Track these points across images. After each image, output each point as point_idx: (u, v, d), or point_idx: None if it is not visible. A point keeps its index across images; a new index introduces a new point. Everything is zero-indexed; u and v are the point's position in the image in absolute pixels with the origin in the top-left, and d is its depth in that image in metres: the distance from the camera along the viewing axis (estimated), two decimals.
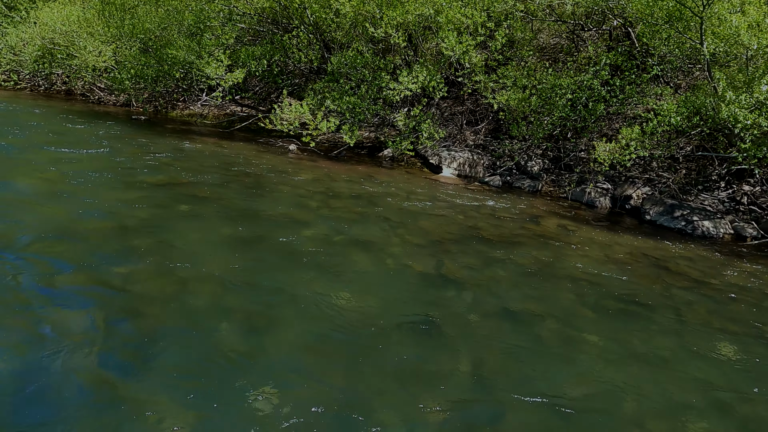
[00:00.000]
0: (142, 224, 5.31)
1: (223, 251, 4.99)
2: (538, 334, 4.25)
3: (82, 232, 4.96)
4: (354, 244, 5.75)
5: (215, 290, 4.18)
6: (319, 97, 10.77)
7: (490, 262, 5.79)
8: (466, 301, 4.68)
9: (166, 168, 8.05)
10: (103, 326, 3.51)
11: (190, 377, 3.14)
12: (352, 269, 5.03)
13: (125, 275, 4.23)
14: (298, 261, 5.02)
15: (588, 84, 10.36)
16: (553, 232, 7.45)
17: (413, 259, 5.50)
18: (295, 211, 6.62)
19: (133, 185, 6.72)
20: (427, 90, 10.22)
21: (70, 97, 17.09)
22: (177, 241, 5.02)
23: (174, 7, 10.26)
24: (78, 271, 4.23)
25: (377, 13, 9.10)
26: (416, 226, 6.75)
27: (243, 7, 11.77)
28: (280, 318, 3.92)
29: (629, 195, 10.10)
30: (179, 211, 5.90)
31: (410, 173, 11.05)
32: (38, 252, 4.48)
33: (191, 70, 10.53)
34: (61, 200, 5.82)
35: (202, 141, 11.19)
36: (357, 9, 9.34)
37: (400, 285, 4.85)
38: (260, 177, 8.39)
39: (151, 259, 4.57)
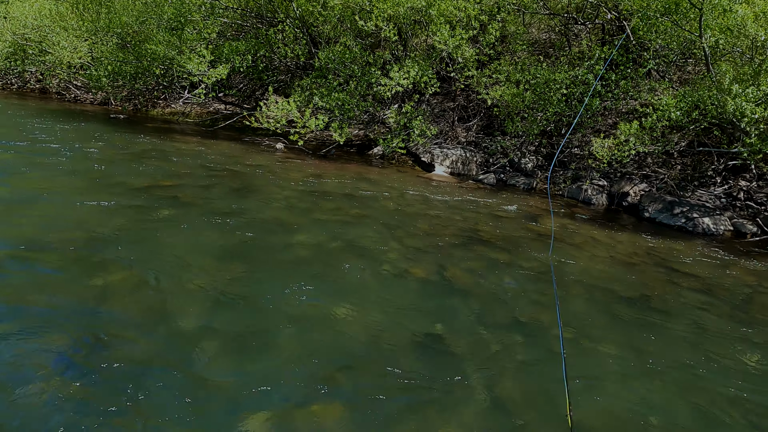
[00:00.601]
0: (121, 232, 4.89)
1: (210, 261, 4.60)
2: (553, 348, 3.95)
3: (54, 243, 4.52)
4: (350, 249, 5.39)
5: (202, 307, 3.80)
6: (307, 94, 10.36)
7: (493, 266, 5.49)
8: (473, 311, 4.36)
9: (146, 170, 7.60)
10: (74, 353, 3.11)
11: (176, 410, 2.77)
12: (349, 278, 4.68)
13: (101, 292, 3.82)
14: (291, 270, 4.66)
15: (583, 78, 10.12)
16: (550, 233, 7.17)
17: (413, 265, 5.17)
18: (285, 215, 6.24)
19: (111, 189, 6.27)
20: (419, 86, 9.89)
21: (44, 96, 16.41)
22: (159, 251, 4.62)
23: (153, 1, 9.75)
24: (48, 287, 3.81)
25: (367, 5, 8.72)
26: (413, 229, 6.41)
27: (226, 0, 11.29)
28: (276, 338, 3.56)
29: (626, 192, 9.89)
30: (161, 217, 5.48)
31: (402, 172, 10.71)
32: (1, 266, 4.05)
33: (172, 66, 10.04)
34: (32, 207, 5.36)
35: (184, 140, 10.71)
36: (345, 1, 8.95)
37: (402, 294, 4.51)
38: (247, 178, 7.98)
39: (130, 272, 4.16)
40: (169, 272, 4.25)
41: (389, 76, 9.44)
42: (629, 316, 4.67)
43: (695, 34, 8.47)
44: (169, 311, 3.66)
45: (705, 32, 8.13)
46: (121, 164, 7.73)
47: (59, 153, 7.94)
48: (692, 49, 10.14)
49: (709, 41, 8.12)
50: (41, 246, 4.40)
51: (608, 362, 3.84)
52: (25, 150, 7.91)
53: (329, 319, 3.91)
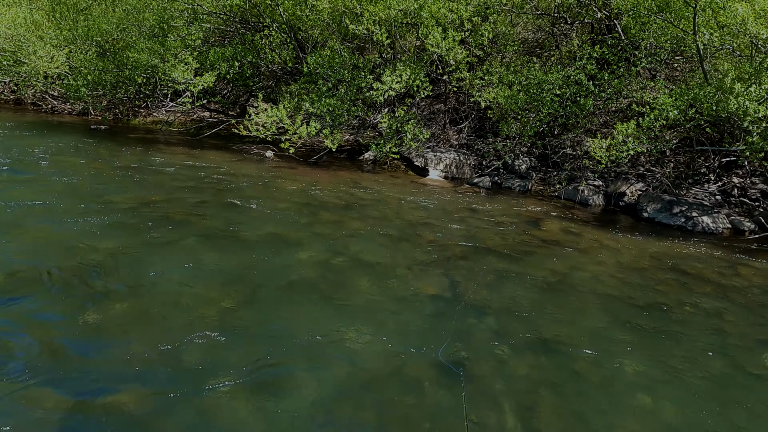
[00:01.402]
0: (113, 258, 4.59)
1: (211, 287, 4.32)
2: (578, 367, 3.77)
3: (41, 272, 4.21)
4: (356, 266, 5.16)
5: (208, 340, 3.53)
6: (296, 100, 10.08)
7: (504, 277, 5.31)
8: (491, 330, 4.17)
9: (133, 185, 7.26)
10: (71, 403, 2.83)
11: None
12: (360, 300, 4.45)
13: (96, 328, 3.53)
14: (297, 294, 4.41)
15: (575, 78, 10.03)
16: (558, 238, 7.04)
17: (424, 282, 4.96)
18: (284, 230, 5.98)
19: (99, 209, 5.94)
20: (411, 89, 9.69)
21: (19, 107, 15.80)
22: (156, 278, 4.33)
23: (133, 6, 9.35)
24: (36, 325, 3.50)
25: (357, 8, 8.48)
26: (417, 240, 6.21)
27: (208, 5, 10.94)
28: (291, 373, 3.31)
29: (623, 192, 9.83)
30: (155, 239, 5.17)
31: (396, 177, 10.50)
32: None
33: (155, 75, 9.68)
34: (15, 231, 5.02)
35: (170, 151, 10.35)
36: (334, 4, 8.69)
37: (417, 315, 4.30)
38: (239, 190, 7.69)
39: (127, 303, 3.87)
40: (168, 302, 3.97)
41: (381, 80, 9.21)
42: (649, 327, 4.53)
43: (689, 32, 8.43)
44: (173, 347, 3.39)
45: (699, 30, 8.09)
46: (107, 180, 7.37)
47: (40, 169, 7.55)
48: (682, 47, 10.13)
49: (702, 39, 8.07)
50: (27, 277, 4.08)
51: (637, 380, 3.68)
52: (3, 167, 7.51)
53: (345, 349, 3.67)
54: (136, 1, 9.74)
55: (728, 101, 6.49)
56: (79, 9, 10.46)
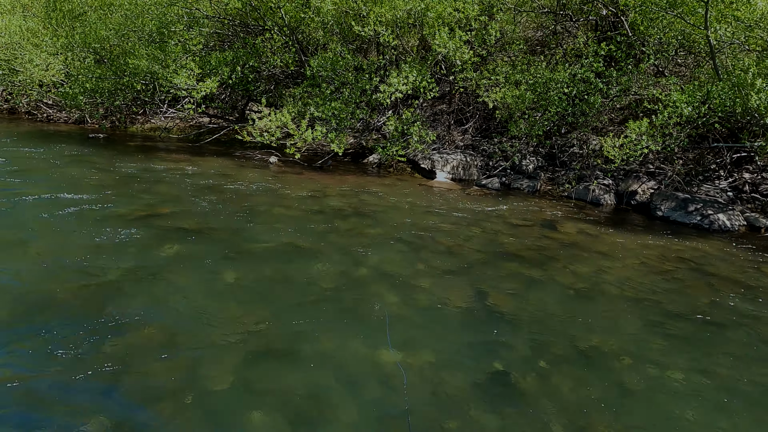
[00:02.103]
0: (128, 277, 4.37)
1: (230, 305, 4.12)
2: (622, 380, 3.61)
3: (55, 296, 3.99)
4: (378, 277, 4.97)
5: (235, 365, 3.33)
6: (300, 104, 9.88)
7: (530, 284, 5.14)
8: (527, 342, 3.99)
9: (138, 196, 7.04)
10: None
11: None
12: (384, 314, 4.26)
13: (119, 359, 3.33)
14: (322, 310, 4.22)
15: (582, 76, 9.88)
16: (577, 240, 6.89)
17: (449, 292, 4.79)
18: (299, 239, 5.78)
19: (106, 223, 5.72)
20: (418, 91, 9.51)
21: (13, 117, 15.49)
22: (173, 299, 4.12)
23: (132, 12, 9.10)
24: (54, 359, 3.30)
25: (363, 9, 8.29)
26: (436, 246, 6.03)
27: (207, 9, 10.71)
28: (327, 397, 3.12)
29: (634, 190, 9.69)
30: (166, 255, 4.96)
31: (403, 180, 10.32)
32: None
33: (155, 81, 9.44)
34: (22, 251, 4.79)
35: (172, 159, 10.12)
36: (338, 6, 8.50)
37: (448, 329, 4.12)
38: (248, 198, 7.49)
39: (148, 328, 3.66)
40: (189, 324, 3.77)
41: (387, 81, 9.03)
42: (686, 333, 4.37)
43: (700, 27, 8.30)
44: (199, 374, 3.20)
45: (711, 25, 7.96)
46: (111, 191, 7.14)
47: (41, 182, 7.31)
48: (690, 42, 10.01)
49: (716, 35, 7.94)
50: (40, 302, 3.86)
51: (685, 391, 3.52)
52: (2, 182, 7.26)
53: (379, 368, 3.48)
54: (134, 7, 9.49)
55: (749, 97, 6.36)
56: (75, 15, 10.19)
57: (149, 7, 9.26)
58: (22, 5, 11.61)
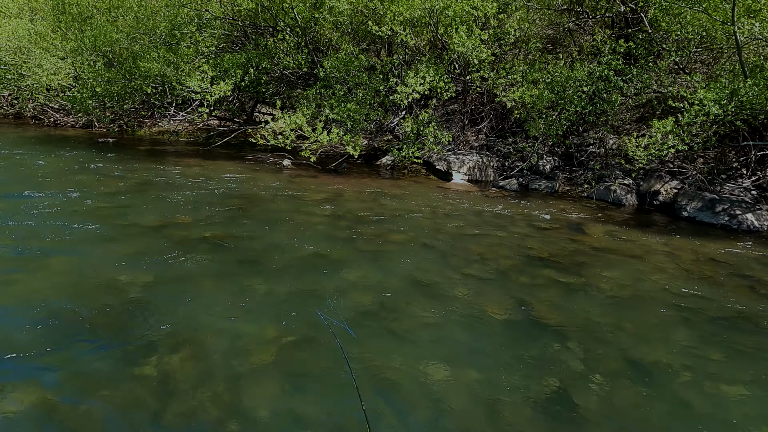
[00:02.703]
0: (150, 294, 4.18)
1: (264, 323, 3.94)
2: (682, 395, 3.41)
3: (81, 315, 3.80)
4: (412, 288, 4.78)
5: (275, 390, 3.14)
6: (314, 106, 9.69)
7: (568, 292, 4.95)
8: (578, 355, 3.80)
9: (154, 204, 6.85)
10: None
11: None
12: (426, 328, 4.07)
13: (146, 381, 3.14)
14: (361, 326, 4.03)
15: (601, 74, 9.67)
16: (606, 243, 6.69)
17: (487, 301, 4.59)
18: (326, 248, 5.59)
19: (126, 234, 5.54)
20: (435, 91, 9.31)
21: (20, 122, 15.33)
22: (206, 317, 3.93)
23: (144, 14, 8.91)
24: (86, 384, 3.11)
25: (380, 8, 8.09)
26: (465, 253, 5.84)
27: (217, 11, 10.52)
28: (378, 422, 2.93)
29: (657, 190, 9.48)
30: (192, 268, 4.77)
31: (420, 183, 10.13)
32: (21, 355, 3.33)
33: (165, 84, 9.25)
34: (40, 265, 4.61)
35: (184, 164, 9.94)
36: (354, 5, 8.30)
37: (491, 342, 3.92)
38: (267, 204, 7.30)
39: (185, 351, 3.47)
40: (223, 344, 3.58)
41: (405, 82, 8.84)
42: (739, 342, 4.17)
43: (726, 23, 8.09)
44: (240, 401, 3.01)
45: (738, 20, 7.75)
46: (126, 199, 6.96)
47: (54, 191, 7.13)
48: (712, 38, 9.79)
49: (743, 30, 7.74)
50: (67, 322, 3.68)
51: (749, 407, 3.32)
52: (14, 190, 7.08)
53: (427, 387, 3.29)
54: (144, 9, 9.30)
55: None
56: (83, 18, 10.01)
57: (160, 8, 9.07)
58: (30, 8, 11.43)
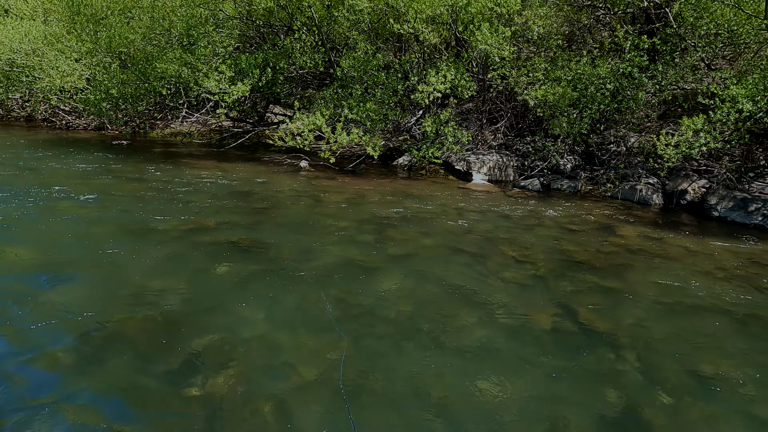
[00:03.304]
0: (185, 304, 4.00)
1: (303, 334, 3.76)
2: (756, 412, 3.21)
3: (107, 331, 3.63)
4: (451, 294, 4.60)
5: (325, 409, 2.96)
6: (332, 106, 9.51)
7: (613, 297, 4.75)
8: (637, 368, 3.60)
9: (176, 207, 6.69)
10: None
11: None
12: (470, 338, 3.88)
13: (193, 401, 2.97)
14: (401, 336, 3.85)
15: (625, 71, 9.44)
16: (642, 245, 6.48)
17: (530, 308, 4.40)
18: (356, 253, 5.41)
19: (150, 240, 5.37)
20: (455, 90, 9.12)
21: (31, 124, 15.24)
22: (241, 328, 3.75)
23: (159, 14, 8.75)
24: (119, 400, 2.94)
25: (402, 6, 7.90)
26: (499, 256, 5.64)
27: (230, 11, 10.35)
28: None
29: (684, 189, 9.25)
30: (223, 276, 4.60)
31: (439, 183, 9.94)
32: (60, 371, 3.17)
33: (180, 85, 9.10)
34: (64, 277, 4.44)
35: (201, 166, 9.78)
36: (375, 3, 8.12)
37: (541, 353, 3.73)
38: (290, 208, 7.13)
39: (219, 366, 3.29)
40: (264, 358, 3.40)
41: (426, 81, 8.65)
42: None
43: (758, 18, 7.86)
44: (292, 423, 2.83)
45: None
46: (147, 203, 6.81)
47: (72, 195, 6.98)
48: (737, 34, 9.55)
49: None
50: (102, 336, 3.51)
51: None
52: (34, 195, 6.94)
53: (480, 403, 3.11)
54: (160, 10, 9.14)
55: None
56: (98, 19, 9.86)
57: (175, 8, 8.91)
58: (44, 10, 11.31)
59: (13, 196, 6.77)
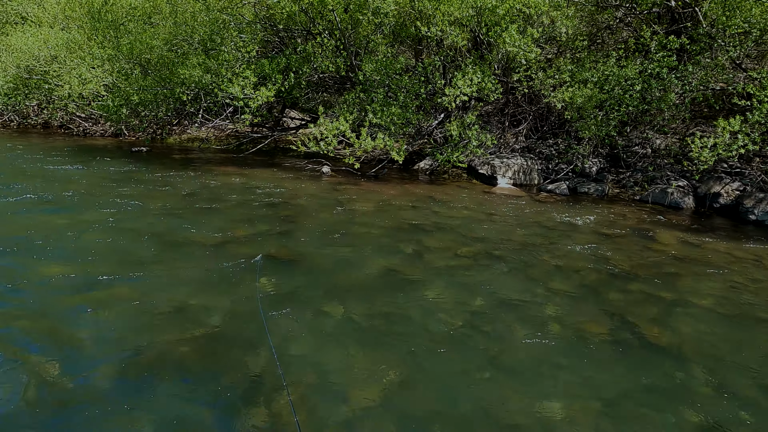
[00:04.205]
0: (230, 322, 3.85)
1: (353, 352, 3.61)
2: None
3: (155, 352, 3.49)
4: (500, 307, 4.43)
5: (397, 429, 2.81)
6: (355, 111, 9.38)
7: (667, 308, 4.56)
8: (704, 381, 3.42)
9: (205, 217, 6.58)
10: None
11: None
12: (527, 353, 3.72)
13: (254, 428, 2.83)
14: (459, 354, 3.69)
15: (653, 72, 9.25)
16: (684, 252, 6.29)
17: (584, 320, 4.23)
18: (395, 263, 5.26)
19: (185, 252, 5.24)
20: (483, 93, 8.96)
21: (48, 131, 15.22)
22: (291, 347, 3.60)
23: (181, 20, 8.67)
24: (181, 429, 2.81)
25: (429, 8, 7.76)
26: (542, 265, 5.47)
27: (249, 15, 10.25)
28: None
29: (717, 192, 9.02)
30: (265, 290, 4.46)
31: (464, 188, 9.77)
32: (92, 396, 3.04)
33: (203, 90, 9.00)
34: (98, 295, 4.30)
35: (223, 172, 9.68)
36: (401, 6, 7.98)
37: (605, 367, 3.56)
38: (319, 216, 6.99)
39: (280, 392, 3.15)
40: (318, 379, 3.25)
41: (452, 84, 8.50)
42: None
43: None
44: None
45: None
46: (175, 212, 6.69)
47: (100, 204, 6.88)
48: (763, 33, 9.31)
49: None
50: (148, 359, 3.37)
51: None
52: (61, 204, 6.85)
53: (550, 426, 2.94)
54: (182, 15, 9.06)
55: None
56: (118, 26, 9.79)
57: (196, 14, 8.83)
58: (65, 16, 11.28)
59: (42, 206, 6.69)
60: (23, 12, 13.22)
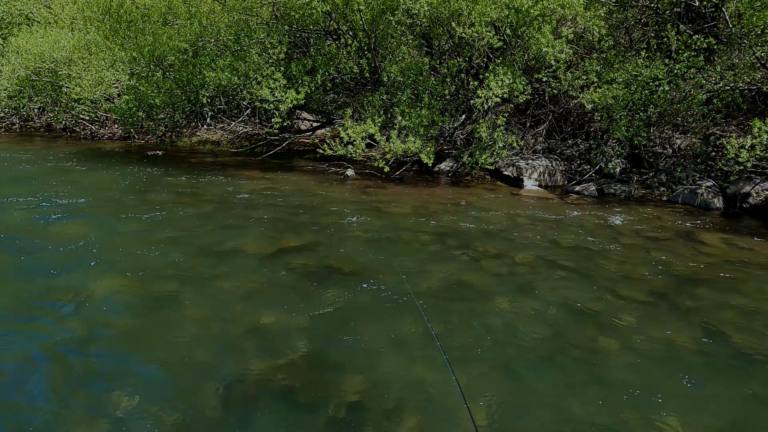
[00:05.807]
0: (315, 344, 3.64)
1: (463, 379, 3.45)
2: None
3: (240, 375, 3.30)
4: (577, 318, 4.31)
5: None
6: (382, 113, 9.21)
7: (745, 314, 4.47)
8: None
9: (245, 225, 6.37)
10: None
11: None
12: (623, 370, 3.59)
13: None
14: (557, 368, 3.56)
15: (680, 72, 9.20)
16: (735, 254, 6.22)
17: (665, 329, 4.12)
18: (455, 272, 5.11)
19: (235, 266, 5.03)
20: (513, 94, 8.84)
21: (52, 135, 14.82)
22: (386, 366, 3.44)
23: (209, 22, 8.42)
24: None
25: (465, 9, 7.61)
26: (604, 272, 5.36)
27: (266, 15, 10.02)
28: None
29: (747, 192, 9.00)
30: (335, 303, 4.27)
31: (491, 190, 9.65)
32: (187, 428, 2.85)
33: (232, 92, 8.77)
34: (162, 315, 4.07)
35: (246, 176, 9.45)
36: (435, 7, 7.83)
37: (706, 378, 3.45)
38: (359, 221, 6.82)
39: (398, 424, 2.99)
40: (427, 403, 3.10)
41: (484, 85, 8.37)
42: None
43: None
44: None
45: None
46: (213, 221, 6.47)
47: (134, 212, 6.63)
48: None
49: None
50: (239, 384, 3.18)
51: None
52: (90, 212, 6.59)
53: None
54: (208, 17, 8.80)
55: None
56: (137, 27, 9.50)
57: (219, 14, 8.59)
58: (84, 17, 10.94)
59: (77, 214, 6.44)
60: (28, 12, 12.83)
